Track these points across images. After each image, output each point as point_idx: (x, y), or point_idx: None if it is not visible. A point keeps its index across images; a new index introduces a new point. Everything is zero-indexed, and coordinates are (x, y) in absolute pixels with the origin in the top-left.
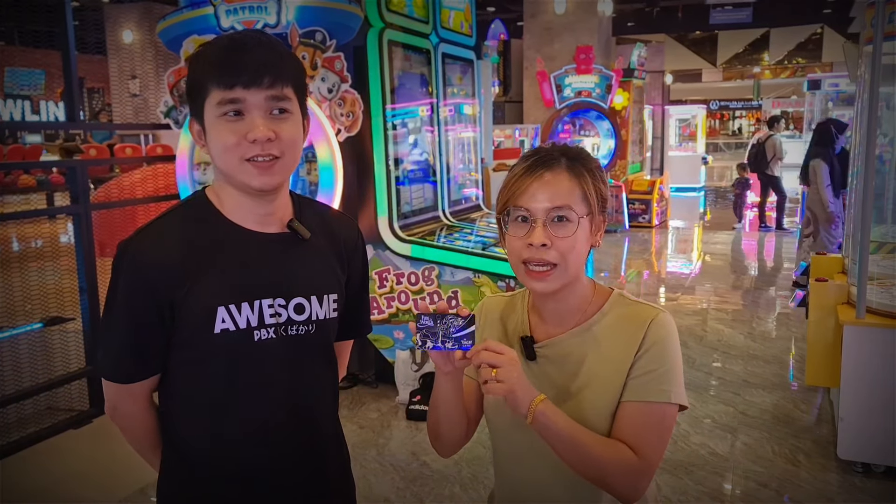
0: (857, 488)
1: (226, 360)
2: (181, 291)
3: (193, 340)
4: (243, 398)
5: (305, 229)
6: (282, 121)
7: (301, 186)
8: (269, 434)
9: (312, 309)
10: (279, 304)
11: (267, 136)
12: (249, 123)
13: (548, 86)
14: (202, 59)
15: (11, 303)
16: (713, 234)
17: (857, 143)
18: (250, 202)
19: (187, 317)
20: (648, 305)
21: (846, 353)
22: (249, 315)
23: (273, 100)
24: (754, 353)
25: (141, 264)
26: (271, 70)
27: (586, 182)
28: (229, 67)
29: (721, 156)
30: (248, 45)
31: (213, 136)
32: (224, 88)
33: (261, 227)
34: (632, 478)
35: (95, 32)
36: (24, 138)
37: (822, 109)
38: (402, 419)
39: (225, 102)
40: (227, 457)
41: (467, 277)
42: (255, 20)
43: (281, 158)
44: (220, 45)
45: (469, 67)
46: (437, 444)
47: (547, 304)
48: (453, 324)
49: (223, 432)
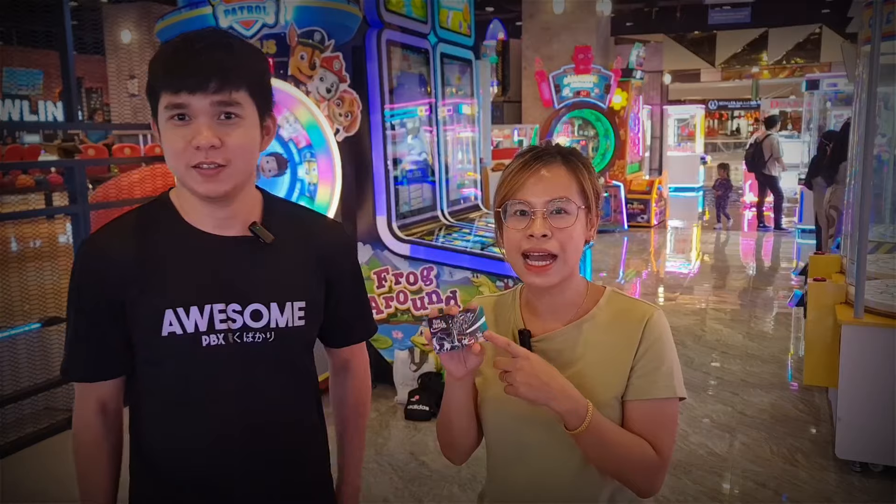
0: (856, 488)
1: (175, 363)
2: (132, 291)
3: (145, 342)
4: (195, 403)
5: (268, 233)
6: (230, 126)
7: (300, 186)
8: (224, 442)
9: (272, 316)
10: (233, 310)
11: (210, 143)
12: (194, 129)
13: (546, 86)
14: (156, 60)
15: (9, 303)
16: (712, 233)
17: (855, 142)
18: (207, 205)
19: (137, 318)
20: (643, 302)
21: (844, 352)
22: (198, 319)
23: (220, 105)
24: (753, 353)
25: (94, 262)
26: (219, 74)
27: (583, 175)
28: (176, 71)
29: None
30: (196, 48)
31: (163, 139)
32: (171, 92)
33: (220, 230)
34: (652, 474)
35: (94, 32)
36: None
37: (821, 109)
38: (400, 419)
39: (172, 107)
40: (186, 462)
41: (466, 277)
42: (254, 20)
43: (227, 166)
44: (171, 47)
45: (468, 67)
46: (452, 452)
47: (542, 299)
48: (464, 320)
49: (180, 436)
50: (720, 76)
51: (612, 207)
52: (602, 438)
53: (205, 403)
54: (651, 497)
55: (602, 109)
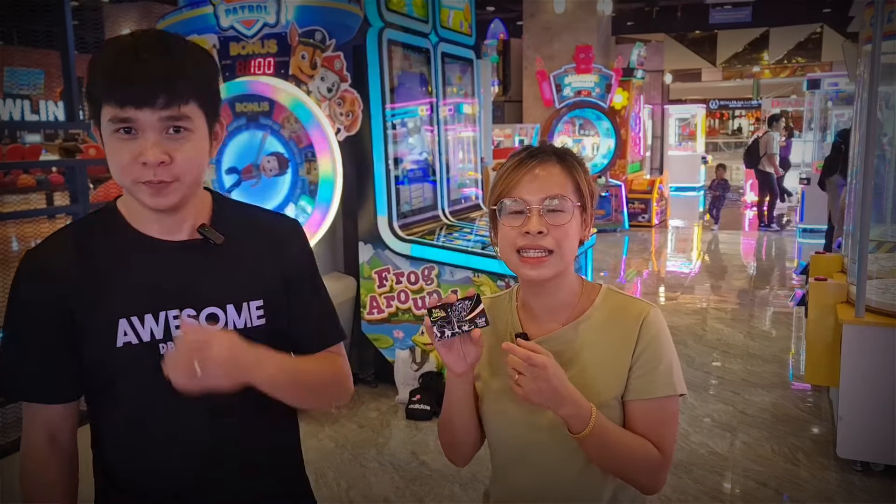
0: (857, 487)
1: (133, 375)
2: (82, 304)
3: (99, 356)
4: (158, 415)
5: (218, 234)
6: (179, 141)
7: (301, 186)
8: (193, 451)
9: (228, 318)
10: (188, 315)
11: (159, 159)
12: (142, 145)
13: (547, 85)
14: (96, 66)
15: None
16: (713, 233)
17: (856, 142)
18: (154, 213)
19: (89, 331)
20: (638, 300)
21: (845, 352)
22: (153, 327)
23: (169, 120)
24: (754, 353)
25: (38, 273)
26: (166, 89)
27: (578, 174)
28: (121, 84)
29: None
30: (141, 58)
31: (108, 151)
32: (115, 106)
33: (168, 235)
34: (656, 472)
35: (94, 32)
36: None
37: (822, 109)
38: (401, 418)
39: (116, 120)
40: (153, 476)
41: (467, 277)
42: (255, 19)
43: (177, 181)
44: (114, 54)
45: (468, 67)
46: (454, 453)
47: (538, 298)
48: (463, 308)
49: (145, 450)
50: (721, 76)
51: (612, 207)
52: (605, 441)
53: (169, 414)
54: (654, 494)
55: (603, 109)
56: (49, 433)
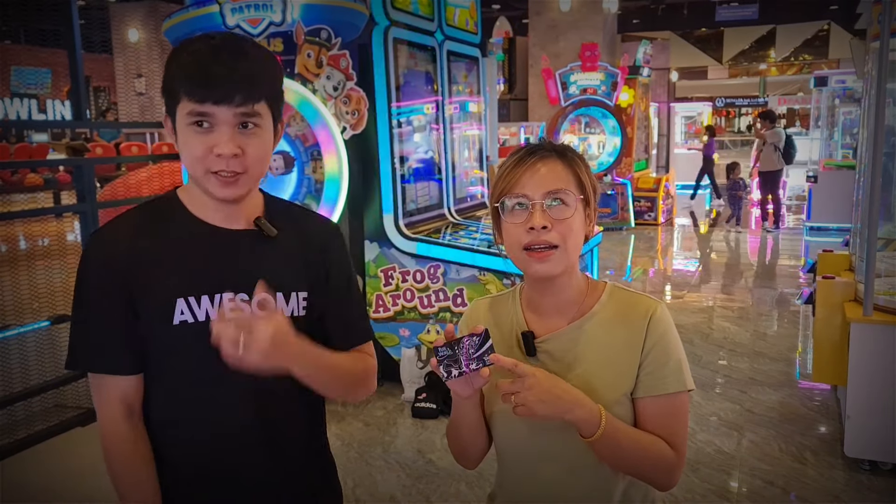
0: (864, 486)
1: (185, 352)
2: (143, 281)
3: (155, 332)
4: (205, 391)
5: (272, 227)
6: (250, 136)
7: (307, 184)
8: (237, 433)
9: (278, 304)
10: (241, 299)
11: (233, 152)
12: (217, 137)
13: (553, 83)
14: (177, 62)
15: (19, 301)
16: (719, 231)
17: (864, 139)
18: (217, 202)
19: (148, 308)
20: (645, 296)
21: (853, 350)
22: (209, 308)
23: (243, 116)
24: (760, 351)
25: (105, 254)
26: (244, 88)
27: (580, 168)
28: (201, 81)
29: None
30: (222, 58)
31: (182, 142)
32: (194, 101)
33: (227, 223)
34: (670, 470)
35: (101, 31)
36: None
37: (829, 106)
38: (407, 417)
39: (195, 114)
40: (193, 449)
41: (473, 275)
42: (261, 18)
43: (245, 173)
44: (196, 53)
45: (474, 65)
46: (464, 460)
47: (544, 296)
48: (471, 344)
49: (188, 423)
50: (727, 73)
51: (619, 205)
52: (617, 442)
53: (214, 391)
54: (667, 491)
55: (609, 107)
56: (127, 405)
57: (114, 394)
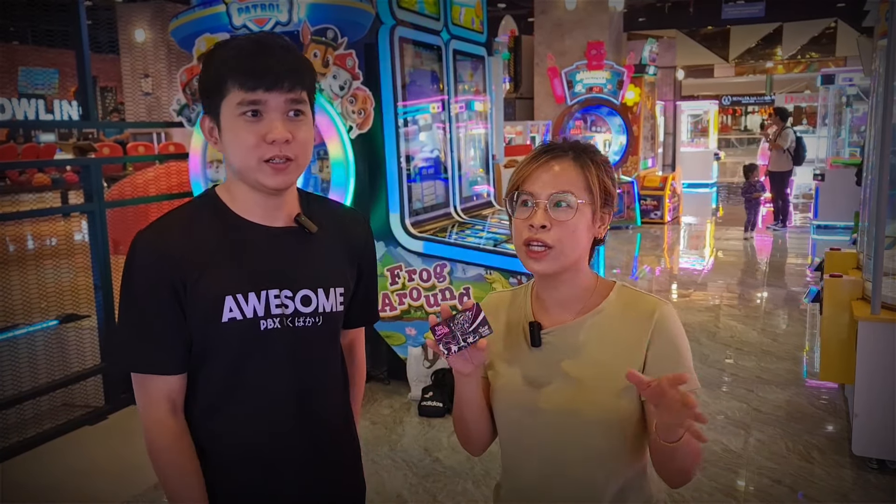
0: (872, 485)
1: (233, 348)
2: (191, 280)
3: (202, 329)
4: (251, 387)
5: (312, 224)
6: (298, 123)
7: (313, 184)
8: (279, 424)
9: (319, 301)
10: (286, 296)
11: (285, 137)
12: (268, 125)
13: (559, 82)
14: (222, 59)
15: (28, 300)
16: (726, 230)
17: (871, 137)
18: (260, 198)
19: (196, 306)
20: (650, 296)
21: (861, 348)
22: (256, 305)
23: (291, 102)
24: (767, 350)
25: (153, 254)
26: (292, 75)
27: (590, 172)
28: (253, 70)
29: (733, 151)
30: (271, 49)
31: (232, 135)
32: (246, 90)
33: (269, 221)
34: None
35: (108, 31)
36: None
37: (836, 104)
38: (414, 415)
39: (246, 103)
40: (238, 442)
41: (479, 274)
42: (267, 18)
43: (295, 160)
44: (244, 47)
45: (480, 64)
46: (469, 446)
47: (549, 291)
48: (465, 320)
49: (234, 417)
50: (734, 71)
51: (625, 204)
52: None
53: (261, 385)
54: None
55: (615, 105)
56: (171, 403)
57: (161, 393)
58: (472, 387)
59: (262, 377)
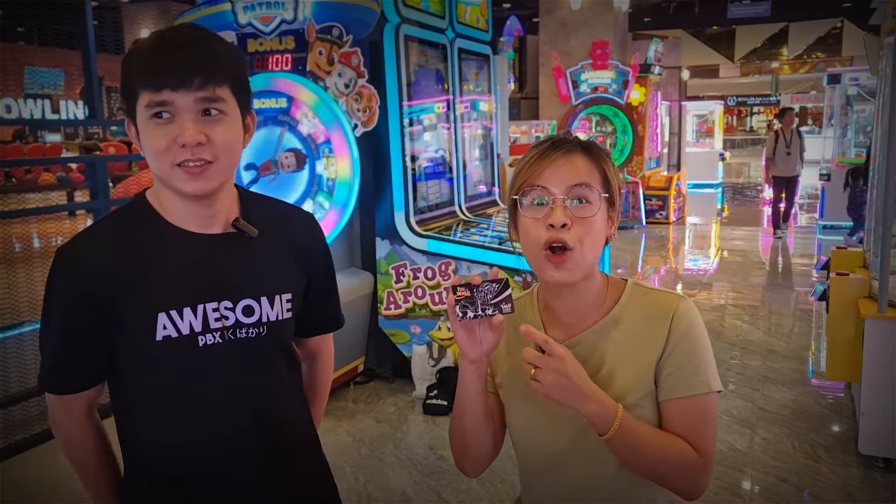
0: (879, 484)
1: (172, 367)
2: (120, 298)
3: (137, 348)
4: (195, 402)
5: (252, 228)
6: (214, 123)
7: (319, 182)
8: (230, 439)
9: (263, 310)
10: (225, 307)
11: (197, 139)
12: (179, 127)
13: (563, 81)
14: (131, 58)
15: (34, 298)
16: (731, 230)
17: (878, 136)
18: (190, 205)
19: (128, 324)
20: (667, 293)
21: (867, 347)
22: (192, 320)
23: (204, 101)
24: (773, 349)
25: (75, 270)
26: (201, 70)
27: (606, 164)
28: (157, 68)
29: (739, 152)
30: (176, 44)
31: (144, 139)
32: (152, 91)
33: (203, 228)
34: (695, 475)
35: (114, 31)
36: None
37: (842, 104)
38: (418, 413)
39: (153, 105)
40: (186, 459)
41: (483, 272)
42: (272, 16)
43: (214, 163)
44: (149, 44)
45: (485, 63)
46: (466, 460)
47: (560, 301)
48: (489, 290)
49: (179, 435)
50: (739, 71)
51: (630, 203)
52: (635, 441)
53: (205, 401)
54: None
55: (620, 105)
56: (88, 405)
57: (76, 404)
58: (476, 380)
59: (206, 393)
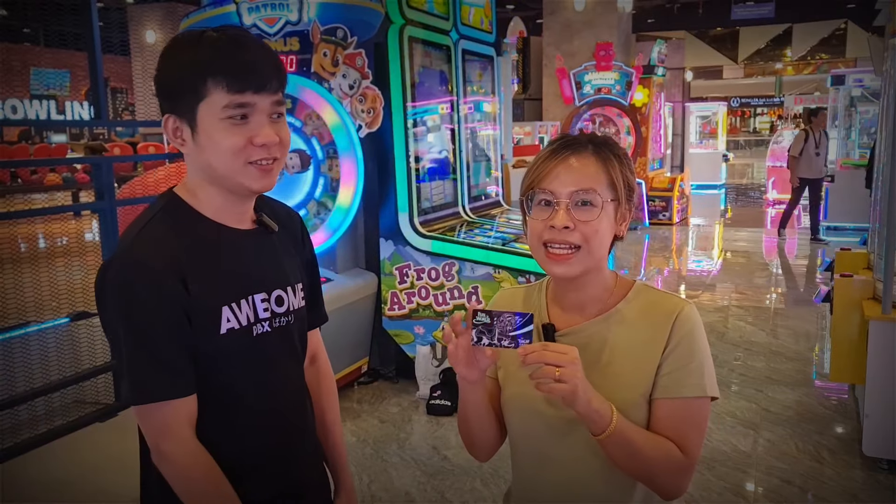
0: (883, 485)
1: (231, 357)
2: (191, 294)
3: (203, 343)
4: (249, 393)
5: (272, 222)
6: (280, 124)
7: (324, 183)
8: (276, 424)
9: (289, 300)
10: (265, 298)
11: (275, 140)
12: (256, 127)
13: (567, 83)
14: (198, 57)
15: (40, 298)
16: (734, 231)
17: (882, 137)
18: (234, 201)
19: (196, 320)
20: (673, 296)
21: (872, 348)
22: (248, 311)
23: (276, 105)
24: (777, 350)
25: (152, 271)
26: (277, 75)
27: (613, 167)
28: (240, 71)
29: (742, 153)
30: (251, 48)
31: (216, 138)
32: (233, 92)
33: (238, 223)
34: (678, 476)
35: (119, 33)
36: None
37: (846, 106)
38: (422, 414)
39: (233, 106)
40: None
41: (487, 273)
42: (277, 17)
43: (279, 160)
44: (220, 46)
45: (489, 64)
46: (475, 450)
47: (568, 292)
48: (510, 322)
49: (238, 427)
50: (743, 73)
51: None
52: (628, 442)
53: (259, 390)
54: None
55: (623, 106)
56: (191, 423)
57: (182, 414)
58: (477, 393)
59: (259, 381)
